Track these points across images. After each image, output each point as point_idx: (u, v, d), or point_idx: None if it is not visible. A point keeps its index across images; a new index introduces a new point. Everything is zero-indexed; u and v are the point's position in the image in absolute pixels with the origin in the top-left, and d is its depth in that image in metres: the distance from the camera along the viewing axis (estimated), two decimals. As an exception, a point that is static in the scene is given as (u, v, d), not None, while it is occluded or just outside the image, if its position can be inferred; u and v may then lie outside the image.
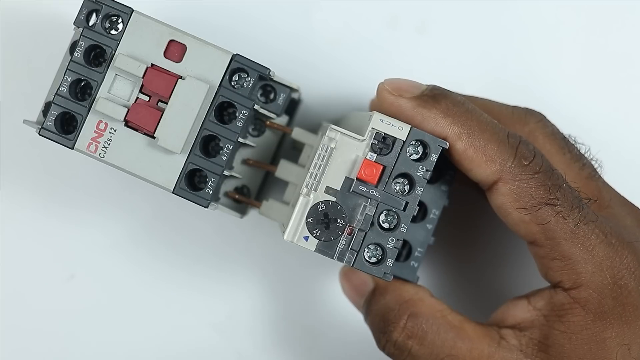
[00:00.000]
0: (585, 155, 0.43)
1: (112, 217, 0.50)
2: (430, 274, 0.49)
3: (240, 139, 0.40)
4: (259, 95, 0.43)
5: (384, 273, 0.38)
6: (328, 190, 0.38)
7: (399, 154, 0.38)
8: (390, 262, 0.38)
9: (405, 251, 0.43)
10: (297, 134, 0.44)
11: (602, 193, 0.42)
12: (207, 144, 0.40)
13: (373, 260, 0.39)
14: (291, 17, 0.49)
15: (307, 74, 0.49)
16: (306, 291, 0.50)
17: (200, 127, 0.40)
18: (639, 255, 0.40)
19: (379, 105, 0.41)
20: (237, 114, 0.40)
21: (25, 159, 0.50)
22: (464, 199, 0.47)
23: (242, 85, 0.40)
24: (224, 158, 0.40)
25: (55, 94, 0.40)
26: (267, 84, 0.42)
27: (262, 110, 0.42)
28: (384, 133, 0.38)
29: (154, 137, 0.40)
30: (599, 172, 0.43)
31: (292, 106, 0.46)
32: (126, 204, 0.50)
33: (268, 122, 0.43)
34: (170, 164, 0.40)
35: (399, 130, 0.38)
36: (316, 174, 0.38)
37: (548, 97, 0.50)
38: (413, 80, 0.41)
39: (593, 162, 0.43)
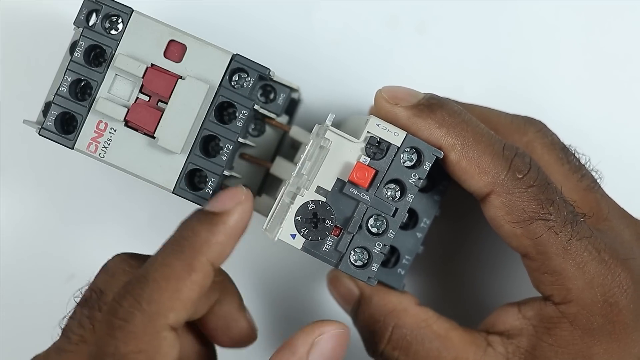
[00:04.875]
0: (585, 165, 0.42)
1: (112, 216, 0.50)
2: (423, 281, 0.49)
3: (240, 139, 0.40)
4: (259, 95, 0.43)
5: (368, 277, 0.38)
6: (319, 190, 0.38)
7: (393, 159, 0.38)
8: (375, 266, 0.38)
9: (394, 258, 0.43)
10: (295, 132, 0.44)
11: (601, 205, 0.42)
12: (207, 144, 0.40)
13: (359, 263, 0.39)
14: (291, 17, 0.49)
15: (307, 74, 0.49)
16: (305, 291, 0.50)
17: (200, 127, 0.40)
18: (634, 273, 0.40)
19: (376, 112, 0.41)
20: (237, 114, 0.40)
21: (25, 159, 0.50)
22: (456, 210, 0.46)
23: (242, 85, 0.40)
24: (224, 158, 0.40)
25: (55, 94, 0.40)
26: (267, 84, 0.42)
27: (262, 110, 0.42)
28: (379, 138, 0.38)
29: (154, 137, 0.40)
30: (599, 183, 0.42)
31: (292, 106, 0.46)
32: (126, 203, 0.50)
33: (266, 119, 0.43)
34: (170, 164, 0.40)
35: (395, 136, 0.38)
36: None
37: (547, 98, 0.50)
38: (411, 89, 0.41)
39: (593, 173, 0.42)
